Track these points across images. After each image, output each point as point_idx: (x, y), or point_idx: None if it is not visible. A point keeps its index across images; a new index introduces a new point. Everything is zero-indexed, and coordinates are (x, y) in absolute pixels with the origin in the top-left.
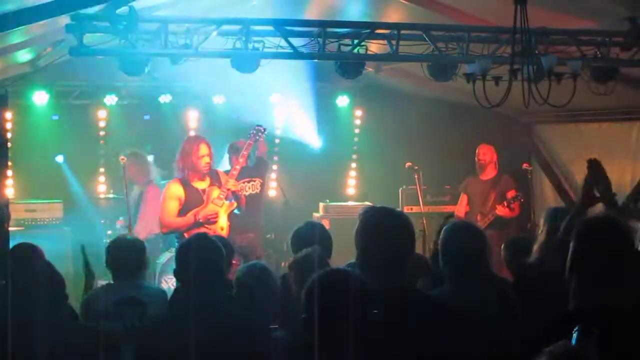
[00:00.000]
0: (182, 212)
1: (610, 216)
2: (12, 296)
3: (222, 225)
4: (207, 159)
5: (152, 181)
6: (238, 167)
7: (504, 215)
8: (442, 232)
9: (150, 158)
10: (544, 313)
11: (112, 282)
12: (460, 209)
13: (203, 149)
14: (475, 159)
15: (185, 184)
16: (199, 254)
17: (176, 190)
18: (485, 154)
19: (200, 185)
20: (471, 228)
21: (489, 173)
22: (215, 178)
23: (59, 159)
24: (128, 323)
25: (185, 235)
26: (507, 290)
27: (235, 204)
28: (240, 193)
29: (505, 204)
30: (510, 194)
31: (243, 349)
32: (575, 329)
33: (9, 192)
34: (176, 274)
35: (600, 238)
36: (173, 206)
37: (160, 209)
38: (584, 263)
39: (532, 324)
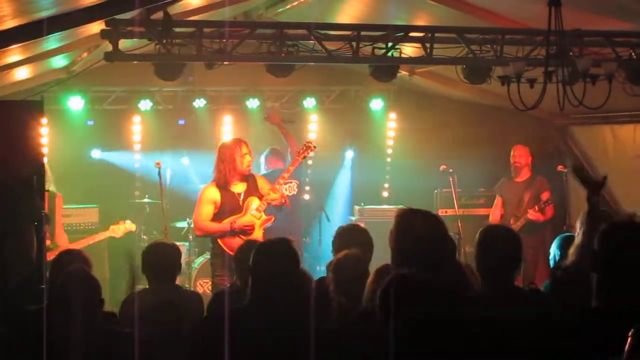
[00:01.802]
0: (217, 216)
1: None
2: (49, 301)
3: (257, 237)
4: (249, 158)
5: (56, 192)
6: (282, 181)
7: (535, 220)
8: (478, 235)
9: (185, 160)
10: (578, 316)
11: (147, 286)
12: (495, 212)
13: (244, 149)
14: (511, 160)
15: (222, 187)
16: (275, 257)
17: (212, 193)
18: (521, 156)
19: (237, 189)
20: (508, 232)
21: (524, 175)
22: (252, 183)
23: (95, 153)
24: (165, 328)
25: (219, 240)
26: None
27: (272, 218)
28: (283, 202)
29: (537, 209)
30: (545, 196)
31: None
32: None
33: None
34: (251, 271)
35: (624, 240)
36: (208, 210)
37: (195, 211)
38: (608, 264)
39: (564, 327)
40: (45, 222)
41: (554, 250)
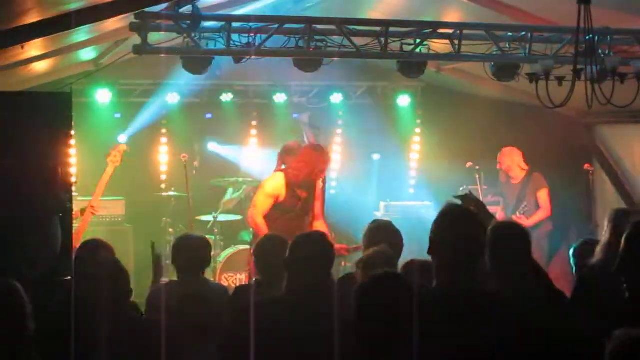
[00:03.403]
0: (272, 208)
1: None
2: (76, 291)
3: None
4: (325, 174)
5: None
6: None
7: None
8: (488, 232)
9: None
10: (606, 314)
11: (176, 278)
12: (500, 213)
13: (327, 166)
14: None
15: (290, 185)
16: (315, 250)
17: (278, 188)
18: (504, 162)
19: (302, 194)
20: (515, 227)
21: (517, 176)
22: (312, 191)
23: (121, 138)
24: (191, 319)
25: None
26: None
27: None
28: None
29: (517, 215)
30: (541, 195)
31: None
32: None
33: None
34: (288, 262)
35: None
36: (268, 203)
37: (257, 197)
38: (631, 265)
39: (594, 325)
40: (70, 213)
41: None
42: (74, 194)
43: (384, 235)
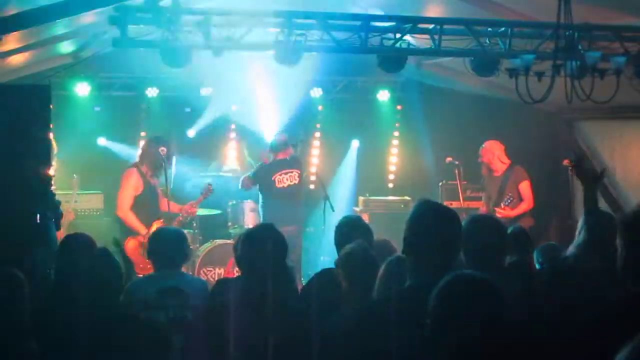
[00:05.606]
0: None
1: None
2: (56, 285)
3: None
4: None
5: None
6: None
7: (505, 217)
8: (462, 225)
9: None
10: (580, 308)
11: (153, 272)
12: (483, 208)
13: None
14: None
15: None
16: (263, 244)
17: None
18: (485, 154)
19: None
20: (488, 220)
21: (498, 169)
22: None
23: (101, 141)
24: (171, 312)
25: None
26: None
27: None
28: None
29: (502, 207)
30: (523, 186)
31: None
32: None
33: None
34: (238, 260)
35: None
36: None
37: None
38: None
39: (567, 319)
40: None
41: (536, 258)
42: (52, 187)
43: (352, 230)
